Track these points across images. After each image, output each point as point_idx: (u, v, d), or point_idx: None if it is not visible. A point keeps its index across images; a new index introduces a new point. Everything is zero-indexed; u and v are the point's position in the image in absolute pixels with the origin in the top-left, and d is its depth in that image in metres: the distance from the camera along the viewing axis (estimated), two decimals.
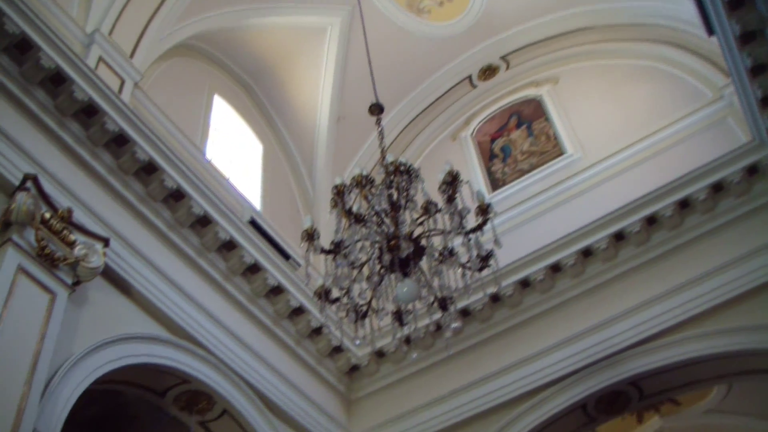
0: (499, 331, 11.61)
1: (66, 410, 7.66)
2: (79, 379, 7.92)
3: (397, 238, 7.54)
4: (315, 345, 11.83)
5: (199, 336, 9.80)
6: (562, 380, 10.72)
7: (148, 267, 9.41)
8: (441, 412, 11.40)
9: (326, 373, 12.00)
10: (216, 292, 10.48)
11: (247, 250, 10.72)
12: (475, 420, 11.15)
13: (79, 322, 8.25)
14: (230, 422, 10.24)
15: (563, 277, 11.35)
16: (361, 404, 12.33)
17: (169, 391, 9.89)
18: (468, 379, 11.45)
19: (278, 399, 10.77)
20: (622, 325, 10.55)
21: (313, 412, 11.36)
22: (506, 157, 14.54)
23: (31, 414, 6.98)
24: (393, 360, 12.15)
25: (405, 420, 11.64)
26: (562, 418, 10.81)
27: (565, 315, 11.17)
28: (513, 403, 10.97)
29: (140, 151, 9.56)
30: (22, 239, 7.66)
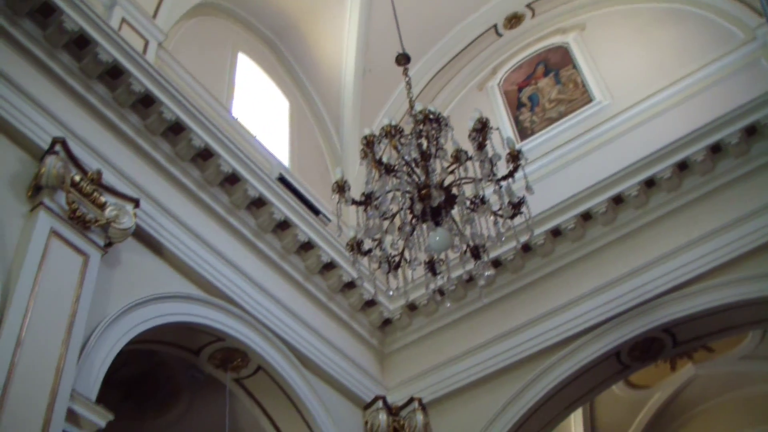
0: (530, 281, 11.58)
1: (103, 370, 7.75)
2: (114, 340, 8.01)
3: (428, 187, 7.49)
4: (347, 300, 11.88)
5: (232, 293, 9.86)
6: (595, 329, 10.69)
7: (178, 226, 9.46)
8: (474, 363, 11.44)
9: (359, 327, 12.06)
10: (247, 249, 10.52)
11: (277, 207, 10.73)
12: (508, 370, 11.18)
13: (112, 283, 8.32)
14: (265, 378, 10.34)
15: (594, 225, 11.26)
16: (394, 358, 12.40)
17: (204, 349, 9.98)
18: (500, 329, 11.46)
19: (312, 354, 10.85)
20: (655, 272, 10.47)
21: (346, 367, 11.44)
22: (534, 106, 14.40)
23: (69, 375, 7.08)
24: (425, 313, 12.18)
25: (438, 372, 11.71)
26: (596, 367, 10.81)
27: (597, 263, 11.11)
28: (546, 352, 10.97)
29: (167, 111, 9.56)
30: (54, 203, 7.73)
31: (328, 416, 10.65)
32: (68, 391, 7.01)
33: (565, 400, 11.17)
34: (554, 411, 11.21)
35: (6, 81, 7.99)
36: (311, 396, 10.54)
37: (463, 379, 11.42)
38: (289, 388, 10.33)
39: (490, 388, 11.27)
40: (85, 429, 7.24)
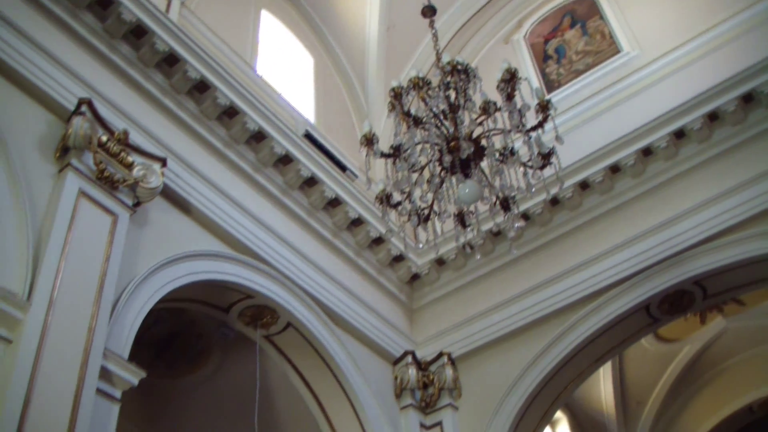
0: (559, 235, 11.52)
1: (134, 329, 7.83)
2: (145, 298, 8.08)
3: (457, 139, 7.44)
4: (375, 255, 11.89)
5: (261, 251, 9.90)
6: (625, 282, 10.63)
7: (206, 185, 9.48)
8: (503, 317, 11.45)
9: (387, 283, 12.09)
10: (275, 206, 10.54)
11: (304, 164, 10.72)
12: (537, 324, 11.18)
13: (141, 243, 8.38)
14: (295, 335, 10.41)
15: (623, 177, 11.15)
16: (422, 313, 12.43)
17: (233, 306, 10.05)
18: (529, 283, 11.44)
19: (341, 310, 10.91)
20: (685, 224, 10.36)
21: (375, 322, 11.49)
22: (561, 58, 14.23)
23: (101, 334, 7.16)
24: (453, 267, 12.18)
25: (467, 326, 11.73)
26: (625, 320, 10.77)
27: (626, 216, 11.02)
28: (575, 306, 10.95)
29: (191, 70, 9.54)
30: (81, 163, 7.78)
31: (357, 371, 10.72)
32: (101, 349, 7.10)
33: (594, 353, 11.15)
34: (583, 365, 11.21)
35: (31, 43, 8.00)
36: (341, 352, 10.61)
37: (492, 334, 11.44)
38: (319, 344, 10.40)
39: (519, 342, 11.28)
40: (118, 387, 7.33)
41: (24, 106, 7.84)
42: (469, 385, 11.47)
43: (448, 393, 11.38)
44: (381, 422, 10.68)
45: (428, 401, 11.40)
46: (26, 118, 7.77)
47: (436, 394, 11.38)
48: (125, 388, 7.42)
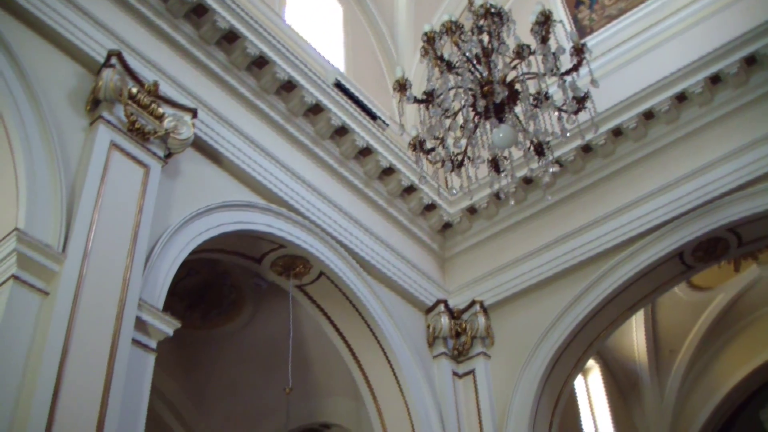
0: (591, 182, 11.41)
1: (168, 280, 7.90)
2: (178, 249, 8.13)
3: (491, 83, 7.35)
4: (407, 204, 11.87)
5: (293, 201, 9.92)
6: (658, 229, 10.54)
7: (237, 135, 9.48)
8: (535, 265, 11.43)
9: (419, 232, 12.07)
10: (306, 156, 10.53)
11: (334, 113, 10.67)
12: (569, 272, 11.15)
13: (173, 194, 8.42)
14: (327, 284, 10.45)
15: (657, 123, 10.99)
16: (455, 261, 12.43)
17: (266, 256, 10.10)
18: (561, 231, 11.39)
19: (373, 259, 10.93)
20: (721, 170, 10.22)
21: (407, 271, 11.50)
22: (593, 3, 13.98)
23: (136, 285, 7.23)
24: (485, 216, 12.13)
25: (499, 275, 11.73)
26: (659, 268, 10.70)
27: (660, 162, 10.88)
28: (608, 254, 10.89)
29: (220, 20, 9.48)
30: (112, 116, 7.80)
31: (390, 320, 10.76)
32: (136, 300, 7.17)
33: (627, 301, 11.10)
34: (616, 313, 11.18)
35: None
36: (373, 301, 10.65)
37: (524, 282, 11.43)
38: (352, 293, 10.44)
39: (551, 290, 11.27)
40: (153, 337, 7.41)
41: (54, 60, 7.84)
42: (502, 334, 11.50)
43: (480, 341, 11.42)
44: (414, 371, 10.74)
45: (461, 350, 11.45)
46: (56, 72, 7.78)
47: (469, 342, 11.42)
48: (160, 339, 7.51)
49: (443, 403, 10.89)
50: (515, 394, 10.92)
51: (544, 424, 11.04)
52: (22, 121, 7.10)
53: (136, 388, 7.04)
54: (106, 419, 6.44)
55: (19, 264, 6.53)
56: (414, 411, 10.51)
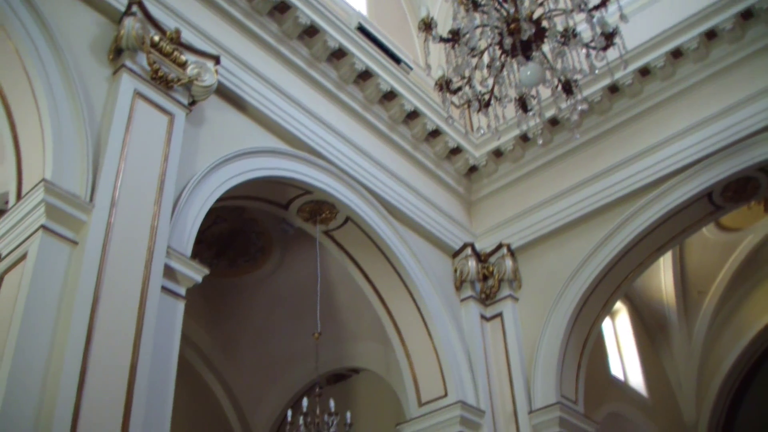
0: (619, 123, 11.26)
1: (195, 227, 7.93)
2: (204, 196, 8.15)
3: (518, 21, 7.21)
4: (432, 148, 11.80)
5: (318, 146, 9.90)
6: (687, 169, 10.41)
7: (260, 81, 9.43)
8: (562, 207, 11.37)
9: (445, 175, 12.02)
10: (330, 101, 10.47)
11: (358, 57, 10.58)
12: (597, 214, 11.08)
13: (198, 142, 8.42)
14: (354, 229, 10.47)
15: (686, 62, 10.78)
16: (481, 205, 12.38)
17: (292, 202, 10.12)
18: (588, 173, 11.29)
19: (400, 204, 10.92)
20: (750, 109, 10.02)
21: (434, 215, 11.49)
22: None
23: (164, 232, 7.27)
24: (511, 159, 12.05)
25: (526, 217, 11.69)
26: (687, 208, 10.60)
27: (689, 102, 10.70)
28: (635, 195, 10.79)
29: None
30: (135, 64, 7.79)
31: (417, 264, 10.78)
32: (164, 248, 7.22)
33: (655, 243, 11.03)
34: (643, 254, 11.12)
35: None
36: (400, 245, 10.66)
37: (551, 224, 11.39)
38: (378, 238, 10.46)
39: (579, 232, 11.23)
40: (182, 284, 7.47)
41: (75, 10, 7.80)
42: (529, 276, 11.50)
43: (508, 284, 11.43)
44: (441, 314, 10.78)
45: (488, 293, 11.47)
46: (78, 22, 7.75)
47: (496, 285, 11.43)
48: (189, 286, 7.56)
49: (471, 347, 10.95)
50: (543, 337, 10.95)
51: (572, 367, 11.08)
52: (46, 73, 7.11)
53: (167, 335, 7.11)
54: (138, 366, 6.52)
55: (47, 214, 6.58)
56: (442, 354, 10.57)
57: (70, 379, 6.03)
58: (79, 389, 6.04)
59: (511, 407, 10.74)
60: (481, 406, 10.51)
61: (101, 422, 6.10)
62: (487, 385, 10.79)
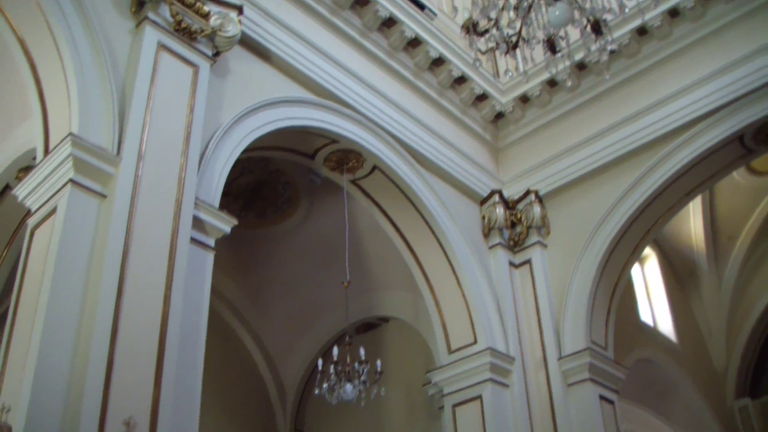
0: (647, 66, 11.06)
1: (223, 178, 7.94)
2: (231, 147, 8.16)
3: None
4: (458, 95, 11.70)
5: (343, 95, 9.85)
6: (718, 111, 10.24)
7: (284, 31, 9.37)
8: (590, 152, 11.25)
9: (471, 122, 11.93)
10: (355, 50, 10.38)
11: (381, 4, 10.45)
12: (625, 158, 10.97)
13: (223, 92, 8.41)
14: (381, 178, 10.45)
15: (716, 3, 10.52)
16: (508, 151, 12.29)
17: (319, 152, 10.12)
18: (617, 117, 11.14)
19: (426, 151, 10.86)
20: None
21: (461, 162, 11.42)
22: None
23: (191, 184, 7.29)
24: (538, 104, 11.92)
25: (554, 163, 11.60)
26: (718, 152, 10.44)
27: (720, 44, 10.47)
28: (665, 138, 10.65)
29: None
30: (158, 16, 7.76)
31: (445, 212, 10.76)
32: (192, 199, 7.24)
33: (685, 187, 10.91)
34: (673, 199, 11.02)
35: None
36: (428, 193, 10.63)
37: (579, 170, 11.29)
38: (406, 186, 10.44)
39: (607, 177, 11.13)
40: (211, 235, 7.50)
41: None
42: (558, 223, 11.45)
43: (536, 231, 11.40)
44: (470, 262, 10.78)
45: (516, 240, 11.45)
46: None
47: (524, 232, 11.40)
48: (218, 237, 7.59)
49: (500, 294, 10.96)
50: (572, 283, 10.93)
51: (601, 313, 11.07)
52: (69, 27, 7.10)
53: (197, 286, 7.17)
54: (170, 317, 6.58)
55: (75, 168, 6.62)
56: (471, 302, 10.60)
57: (103, 332, 6.10)
58: (111, 342, 6.12)
59: (540, 354, 10.77)
60: (511, 352, 10.55)
61: (134, 374, 6.18)
62: (516, 331, 10.82)
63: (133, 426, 5.97)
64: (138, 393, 6.15)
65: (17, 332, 6.36)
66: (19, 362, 6.07)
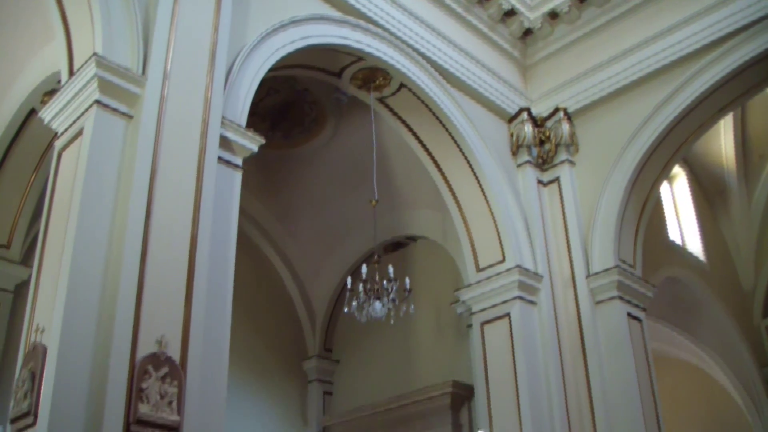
0: None
1: (249, 97, 7.91)
2: (257, 66, 8.11)
3: None
4: (486, 11, 11.48)
5: (370, 12, 9.73)
6: (751, 27, 9.97)
7: None
8: (620, 69, 11.06)
9: (499, 39, 11.73)
10: None
11: None
12: (656, 75, 10.78)
13: (248, 10, 8.35)
14: (408, 96, 10.36)
15: None
16: (537, 68, 12.11)
17: (345, 70, 10.04)
18: (647, 33, 10.91)
19: (453, 69, 10.73)
20: None
21: (489, 80, 11.28)
22: None
23: (218, 103, 7.27)
24: (567, 21, 11.68)
25: (583, 80, 11.43)
26: (750, 68, 10.19)
27: None
28: (696, 54, 10.43)
29: None
30: None
31: (473, 130, 10.68)
32: (218, 118, 7.23)
33: (716, 104, 10.71)
34: (704, 116, 10.84)
35: None
36: (455, 111, 10.54)
37: (609, 86, 11.12)
38: (433, 104, 10.35)
39: (637, 94, 10.96)
40: (238, 154, 7.51)
41: None
42: (586, 140, 11.34)
43: (564, 149, 11.31)
44: (498, 180, 10.73)
45: (545, 158, 11.38)
46: None
47: (553, 150, 11.32)
48: (245, 156, 7.59)
49: (528, 212, 10.93)
50: (601, 201, 10.87)
51: (629, 231, 11.03)
52: None
53: (226, 205, 7.20)
54: (199, 237, 6.62)
55: (100, 89, 6.61)
56: (499, 220, 10.59)
57: (133, 252, 6.15)
58: (141, 262, 6.17)
59: (568, 272, 10.78)
60: (539, 270, 10.56)
61: (165, 294, 6.25)
62: (544, 249, 10.83)
63: (165, 344, 6.06)
64: (169, 312, 6.23)
65: (48, 255, 6.43)
66: (51, 284, 6.14)
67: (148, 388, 5.84)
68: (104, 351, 5.81)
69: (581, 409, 10.04)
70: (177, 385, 6.00)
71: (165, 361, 6.00)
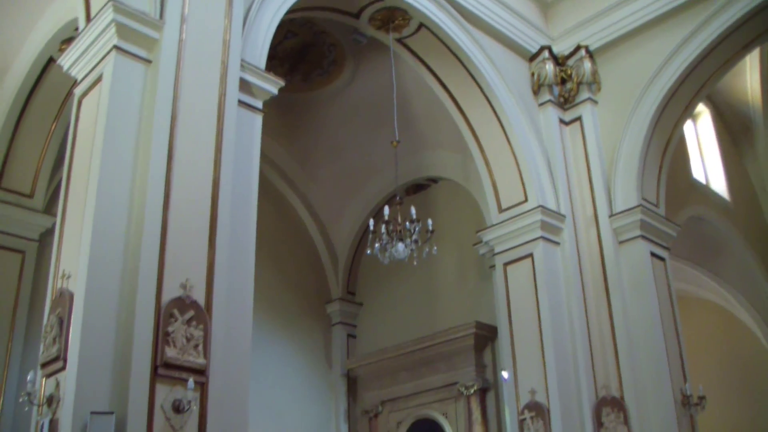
0: None
1: (268, 39, 7.87)
2: (275, 7, 8.07)
3: None
4: None
5: None
6: None
7: None
8: (643, 5, 10.94)
9: None
10: None
11: None
12: (680, 10, 10.67)
13: None
14: (428, 35, 10.25)
15: None
16: (558, 6, 11.92)
17: (364, 10, 9.95)
18: None
19: (473, 7, 10.60)
20: None
21: (509, 18, 11.13)
22: None
23: (236, 46, 7.25)
24: None
25: (605, 17, 11.27)
26: None
27: None
28: None
29: None
30: None
31: (494, 69, 10.58)
32: (237, 61, 7.21)
33: (741, 40, 10.57)
34: (728, 53, 10.70)
35: None
36: (476, 50, 10.43)
37: (631, 23, 10.97)
38: (453, 43, 10.25)
39: (660, 30, 10.83)
40: (258, 97, 7.49)
41: None
42: (609, 79, 11.23)
43: (586, 87, 11.20)
44: (520, 119, 10.66)
45: (567, 96, 11.27)
46: None
47: (575, 89, 11.21)
48: (265, 98, 7.57)
49: (551, 151, 10.87)
50: (623, 140, 10.80)
51: (653, 170, 10.96)
52: None
53: (247, 148, 7.21)
54: (221, 180, 6.64)
55: (119, 34, 6.59)
56: (521, 160, 10.54)
57: (155, 197, 6.19)
58: (164, 207, 6.21)
59: (591, 211, 10.74)
60: (562, 210, 10.53)
61: (188, 238, 6.29)
62: (567, 189, 10.79)
63: (189, 288, 6.10)
64: (193, 256, 6.27)
65: (71, 202, 6.47)
66: (75, 231, 6.19)
67: (175, 331, 5.90)
68: (130, 295, 5.87)
69: (605, 349, 10.07)
70: (203, 328, 6.06)
71: (190, 304, 6.05)
